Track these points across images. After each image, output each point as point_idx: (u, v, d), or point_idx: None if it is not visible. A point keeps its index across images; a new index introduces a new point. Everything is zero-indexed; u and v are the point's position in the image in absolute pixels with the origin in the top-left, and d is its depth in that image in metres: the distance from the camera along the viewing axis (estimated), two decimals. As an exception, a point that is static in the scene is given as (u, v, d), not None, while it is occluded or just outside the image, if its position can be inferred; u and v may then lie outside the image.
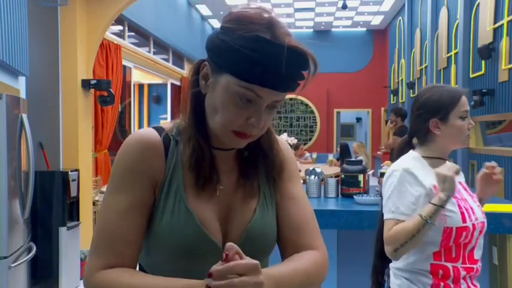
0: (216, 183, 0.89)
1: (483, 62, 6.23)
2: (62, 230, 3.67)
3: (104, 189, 5.75)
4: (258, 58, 0.77)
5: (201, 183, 0.87)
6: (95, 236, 0.86)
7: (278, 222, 0.95)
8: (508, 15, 5.57)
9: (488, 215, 2.28)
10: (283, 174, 0.97)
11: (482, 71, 6.31)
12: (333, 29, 13.94)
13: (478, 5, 6.48)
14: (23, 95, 3.58)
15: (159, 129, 0.90)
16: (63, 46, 4.37)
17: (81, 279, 4.10)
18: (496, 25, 5.86)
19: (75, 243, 3.89)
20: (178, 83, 10.36)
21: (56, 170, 3.90)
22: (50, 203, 3.68)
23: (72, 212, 3.86)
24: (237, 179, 0.93)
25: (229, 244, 0.74)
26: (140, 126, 12.56)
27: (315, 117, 13.88)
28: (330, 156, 8.72)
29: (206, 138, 0.88)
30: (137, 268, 0.89)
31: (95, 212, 5.05)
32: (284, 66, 0.77)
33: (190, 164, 0.87)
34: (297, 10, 11.81)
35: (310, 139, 13.81)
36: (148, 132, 0.89)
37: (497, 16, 5.90)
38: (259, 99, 0.81)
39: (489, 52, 5.94)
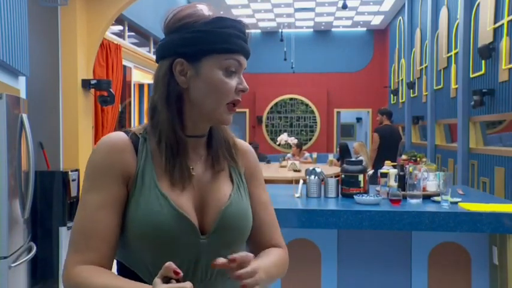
0: (190, 171, 0.96)
1: (483, 61, 6.23)
2: (62, 230, 3.67)
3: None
4: (228, 32, 0.93)
5: (176, 170, 0.93)
6: (71, 232, 0.91)
7: (253, 223, 1.03)
8: (508, 15, 5.57)
9: (489, 214, 2.29)
10: (255, 176, 1.08)
11: (483, 71, 6.31)
12: (333, 29, 13.94)
13: (478, 5, 6.48)
14: (23, 95, 3.58)
15: (126, 131, 0.98)
16: (63, 46, 4.37)
17: (81, 279, 4.11)
18: (496, 25, 5.86)
19: (75, 243, 3.89)
20: (178, 83, 10.36)
21: (56, 170, 3.90)
22: (50, 203, 3.68)
23: (72, 211, 3.86)
24: (209, 167, 1.00)
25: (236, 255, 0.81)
26: (140, 126, 12.58)
27: (315, 117, 13.88)
28: (330, 156, 8.70)
29: (182, 127, 0.96)
30: (113, 262, 0.93)
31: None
32: (245, 35, 0.97)
33: (166, 153, 0.93)
34: (297, 10, 11.80)
35: (310, 139, 13.81)
36: (114, 133, 0.97)
37: (497, 16, 5.90)
38: (239, 67, 0.96)
39: (489, 52, 5.94)
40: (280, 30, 11.85)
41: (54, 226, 3.66)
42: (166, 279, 0.75)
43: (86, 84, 4.52)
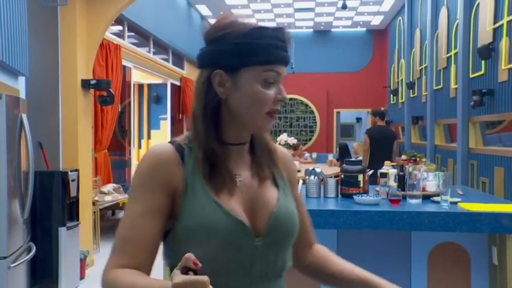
0: (229, 178, 0.97)
1: (483, 62, 6.23)
2: (62, 230, 3.67)
3: (103, 189, 5.75)
4: (267, 43, 0.93)
5: (220, 177, 0.96)
6: (115, 237, 0.95)
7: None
8: (508, 16, 5.57)
9: (488, 214, 2.29)
10: (293, 178, 1.12)
11: (482, 71, 6.31)
12: (332, 29, 13.94)
13: (478, 5, 6.48)
14: (22, 95, 3.58)
15: (173, 142, 1.00)
16: (63, 46, 4.37)
17: (81, 279, 4.10)
18: (496, 25, 5.86)
19: (75, 243, 3.89)
20: (178, 83, 10.36)
21: (56, 170, 3.90)
22: (49, 203, 3.68)
23: (71, 212, 3.86)
24: (255, 173, 1.02)
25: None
26: (140, 126, 12.57)
27: (315, 117, 13.87)
28: (330, 157, 8.71)
29: (220, 137, 0.98)
30: (152, 268, 0.95)
31: (94, 212, 5.05)
32: (285, 44, 0.97)
33: (208, 161, 0.96)
34: (296, 10, 11.80)
35: (310, 139, 13.81)
36: (161, 145, 0.99)
37: (496, 16, 5.90)
38: (278, 77, 0.97)
39: (489, 52, 5.94)
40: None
41: (53, 226, 3.66)
42: (185, 270, 0.75)
43: (85, 84, 4.51)
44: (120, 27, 7.19)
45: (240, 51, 0.93)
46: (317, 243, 1.17)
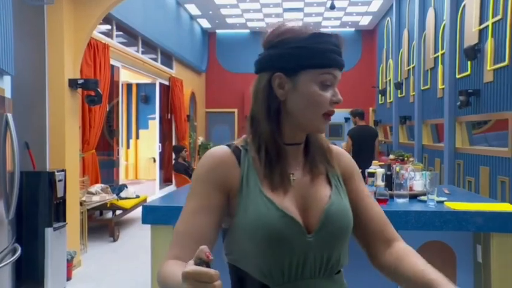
0: (284, 177, 1.02)
1: (469, 62, 6.30)
2: (48, 231, 3.63)
3: (91, 189, 5.70)
4: (327, 47, 1.00)
5: (277, 176, 1.01)
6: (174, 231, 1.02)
7: (362, 217, 1.08)
8: (493, 17, 5.64)
9: (472, 213, 2.32)
10: (354, 174, 1.13)
11: (468, 72, 6.38)
12: (321, 29, 13.97)
13: (464, 6, 6.55)
14: (8, 94, 3.54)
15: (230, 145, 1.08)
16: (49, 45, 4.32)
17: (67, 280, 4.07)
18: (481, 26, 5.93)
19: (62, 244, 3.86)
20: (167, 83, 10.32)
21: (42, 170, 3.86)
22: (35, 204, 3.64)
23: (58, 212, 3.82)
24: (308, 172, 1.06)
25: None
26: (129, 126, 12.50)
27: (304, 117, 13.90)
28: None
29: (281, 136, 1.03)
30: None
31: (81, 212, 5.00)
32: (340, 49, 1.03)
33: (266, 160, 1.01)
34: (285, 10, 11.82)
35: (299, 139, 13.84)
36: (218, 148, 1.07)
37: (482, 17, 5.97)
38: (334, 80, 1.03)
39: (475, 53, 6.01)
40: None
41: (40, 227, 3.62)
42: (199, 262, 0.76)
43: (73, 83, 4.47)
44: (108, 27, 7.14)
45: (300, 54, 0.99)
46: (399, 241, 1.10)
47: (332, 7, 8.98)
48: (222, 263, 1.05)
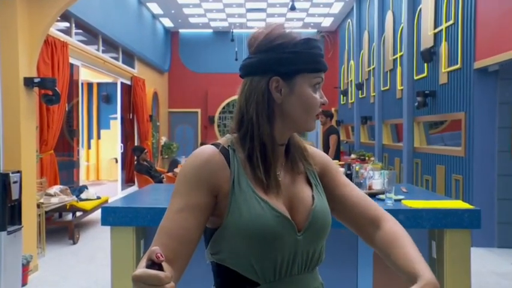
0: (278, 176, 1.06)
1: (426, 64, 6.51)
2: (2, 235, 3.49)
3: (49, 191, 5.53)
4: (317, 52, 1.07)
5: (269, 177, 1.03)
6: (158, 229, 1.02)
7: (347, 204, 1.13)
8: (446, 21, 5.85)
9: (427, 211, 2.40)
10: (330, 168, 1.17)
11: (425, 74, 6.59)
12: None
13: (420, 10, 6.76)
14: (-42, 93, 3.39)
15: (216, 144, 1.07)
16: (2, 42, 4.16)
17: (23, 285, 3.93)
18: (436, 30, 6.14)
19: (17, 248, 3.72)
20: (128, 82, 10.14)
21: (-4, 172, 3.71)
22: (-11, 207, 3.49)
23: (13, 215, 3.68)
24: (289, 172, 1.10)
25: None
26: (89, 126, 12.21)
27: (268, 117, 13.97)
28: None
29: (272, 138, 1.06)
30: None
31: (39, 215, 4.85)
32: (322, 52, 1.10)
33: (260, 162, 1.03)
34: (248, 10, 11.85)
35: (262, 139, 13.90)
36: (205, 147, 1.06)
37: (436, 21, 6.19)
38: (322, 82, 1.09)
39: (431, 55, 6.22)
40: (231, 30, 11.86)
41: (-7, 231, 3.48)
42: (149, 263, 0.76)
43: (28, 82, 4.32)
44: (67, 24, 6.94)
45: (295, 59, 1.04)
46: (385, 220, 1.10)
47: (292, 8, 9.05)
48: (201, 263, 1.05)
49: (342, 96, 12.79)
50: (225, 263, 1.03)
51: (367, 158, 7.11)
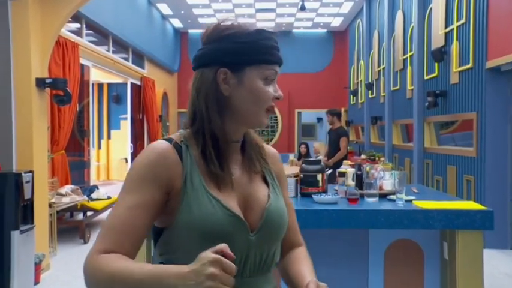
0: (231, 174, 1.02)
1: (436, 64, 6.46)
2: (15, 234, 3.53)
3: (60, 190, 5.58)
4: (271, 44, 1.01)
5: (222, 174, 0.99)
6: (102, 226, 0.96)
7: None
8: (457, 21, 5.80)
9: (439, 212, 2.38)
10: (282, 178, 1.15)
11: (436, 73, 6.54)
12: (294, 30, 14.09)
13: (431, 9, 6.71)
14: (-28, 93, 3.43)
15: (169, 140, 1.02)
16: (15, 43, 4.20)
17: (35, 284, 3.97)
18: (447, 29, 6.09)
19: (29, 247, 3.76)
20: (138, 83, 10.19)
21: (8, 172, 3.75)
22: (1, 206, 3.53)
23: (25, 214, 3.72)
24: (245, 170, 1.06)
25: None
26: (100, 126, 12.28)
27: (277, 117, 13.98)
28: (291, 156, 8.80)
29: (224, 133, 1.02)
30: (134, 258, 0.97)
31: (51, 214, 4.89)
32: (277, 44, 1.04)
33: (212, 158, 0.99)
34: (258, 11, 11.85)
35: (271, 139, 13.90)
36: (158, 143, 1.02)
37: (448, 21, 6.13)
38: (275, 75, 1.03)
39: (441, 55, 6.17)
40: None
41: (6, 230, 3.52)
42: (222, 254, 0.79)
43: (40, 83, 4.37)
44: (77, 25, 7.00)
45: (245, 50, 0.99)
46: (301, 246, 1.18)
47: (302, 8, 9.06)
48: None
49: (351, 96, 12.74)
50: (176, 263, 0.95)
51: (377, 159, 7.07)
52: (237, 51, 0.99)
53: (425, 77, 6.93)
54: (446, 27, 6.10)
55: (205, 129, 1.00)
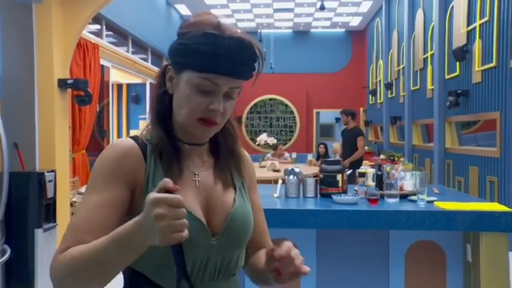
0: (189, 177, 0.98)
1: (458, 63, 6.36)
2: (38, 232, 3.60)
3: (82, 189, 5.66)
4: (209, 50, 0.90)
5: (178, 176, 0.95)
6: (67, 226, 0.92)
7: None
8: (480, 18, 5.69)
9: (462, 213, 2.34)
10: (251, 182, 1.11)
11: (457, 72, 6.44)
12: (312, 30, 14.03)
13: (452, 7, 6.61)
14: (-4, 94, 3.51)
15: (135, 138, 0.99)
16: (38, 45, 4.28)
17: (57, 282, 4.04)
18: (469, 28, 5.99)
19: (52, 245, 3.82)
20: (157, 83, 10.27)
21: (32, 171, 3.82)
22: (25, 205, 3.60)
23: (48, 213, 3.79)
24: (213, 173, 1.03)
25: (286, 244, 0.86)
26: (119, 126, 12.42)
27: (295, 117, 13.94)
28: (310, 156, 8.77)
29: (169, 131, 0.98)
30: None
31: (72, 213, 4.97)
32: (232, 54, 0.90)
33: (164, 159, 0.96)
34: (276, 11, 11.84)
35: (289, 139, 13.87)
36: (123, 140, 0.99)
37: (470, 19, 6.03)
38: (217, 87, 0.93)
39: (463, 54, 6.06)
40: (259, 31, 11.88)
41: (29, 228, 3.59)
42: (164, 191, 0.76)
43: (62, 83, 4.44)
44: (98, 26, 7.09)
45: (184, 52, 0.93)
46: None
47: (322, 7, 9.01)
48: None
49: (370, 96, 12.63)
50: (133, 266, 0.93)
51: (396, 159, 6.99)
52: (176, 52, 0.95)
53: (446, 77, 6.82)
54: (468, 25, 6.00)
55: (153, 127, 0.98)
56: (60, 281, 0.85)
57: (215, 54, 0.90)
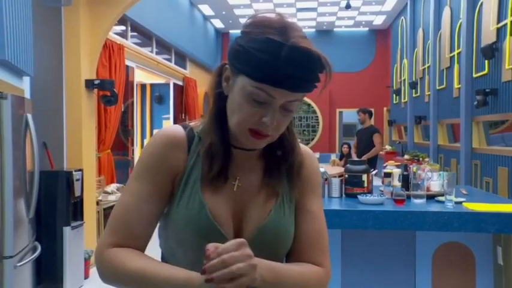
0: (228, 180, 0.93)
1: (486, 61, 6.22)
2: (66, 230, 3.68)
3: (107, 189, 5.75)
4: (267, 59, 0.81)
5: (217, 179, 0.91)
6: (112, 215, 0.92)
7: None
8: (512, 15, 5.55)
9: (492, 214, 2.29)
10: (306, 186, 0.99)
11: (486, 71, 6.29)
12: (335, 29, 13.93)
13: (481, 4, 6.47)
14: (27, 95, 3.59)
15: (185, 126, 0.96)
16: (67, 46, 4.38)
17: (85, 278, 4.12)
18: (500, 25, 5.85)
19: (79, 242, 3.90)
20: (180, 83, 10.37)
21: (60, 170, 3.91)
22: (54, 203, 3.69)
23: (76, 211, 3.87)
24: (260, 180, 0.96)
25: (210, 244, 0.77)
26: (143, 126, 12.58)
27: (317, 116, 13.87)
28: (333, 156, 8.71)
29: (223, 135, 0.92)
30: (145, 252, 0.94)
31: (98, 212, 5.06)
32: (293, 66, 0.81)
33: (206, 159, 0.92)
34: (299, 10, 11.80)
35: (312, 139, 13.80)
36: (173, 127, 0.96)
37: (500, 16, 5.89)
38: (272, 99, 0.84)
39: (492, 52, 5.92)
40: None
41: (58, 226, 3.67)
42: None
43: (89, 84, 4.52)
44: (123, 27, 7.20)
45: (241, 56, 0.84)
46: (321, 266, 0.97)
47: (348, 6, 8.93)
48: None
49: (394, 95, 12.47)
50: (171, 248, 0.94)
51: (421, 159, 6.88)
52: (236, 53, 0.86)
53: (474, 75, 6.68)
54: (498, 22, 5.85)
55: (207, 127, 0.93)
56: (102, 274, 0.90)
57: (274, 65, 0.81)
